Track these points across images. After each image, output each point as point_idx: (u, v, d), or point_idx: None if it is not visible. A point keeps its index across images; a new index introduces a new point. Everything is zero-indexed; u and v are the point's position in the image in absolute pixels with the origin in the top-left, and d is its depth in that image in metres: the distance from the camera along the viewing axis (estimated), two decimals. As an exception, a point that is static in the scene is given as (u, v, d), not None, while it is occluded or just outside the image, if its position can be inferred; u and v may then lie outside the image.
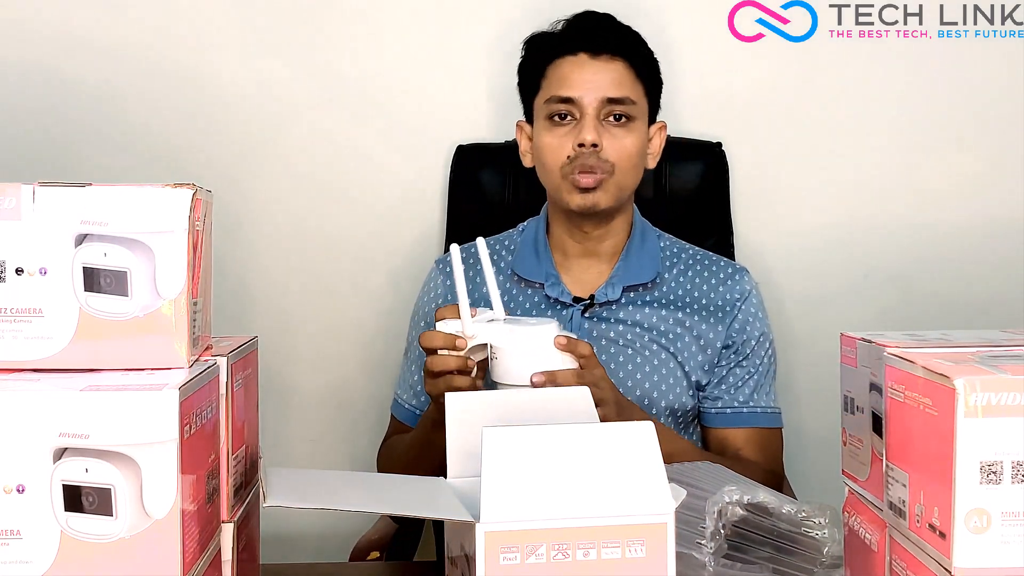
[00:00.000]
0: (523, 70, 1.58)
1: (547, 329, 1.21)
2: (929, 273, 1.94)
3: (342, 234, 1.92)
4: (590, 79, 1.49)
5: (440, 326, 1.24)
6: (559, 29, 1.55)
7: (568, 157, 1.48)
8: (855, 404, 0.97)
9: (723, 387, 1.54)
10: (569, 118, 1.49)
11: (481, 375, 1.25)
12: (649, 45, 1.57)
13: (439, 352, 1.23)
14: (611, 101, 1.48)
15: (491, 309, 1.25)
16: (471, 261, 1.38)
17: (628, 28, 1.56)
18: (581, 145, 1.46)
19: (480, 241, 1.26)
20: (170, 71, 1.90)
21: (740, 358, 1.54)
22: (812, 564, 1.05)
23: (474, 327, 1.22)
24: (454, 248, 1.22)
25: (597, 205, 1.49)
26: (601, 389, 1.25)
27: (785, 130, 1.94)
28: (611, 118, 1.49)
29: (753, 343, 1.55)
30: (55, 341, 0.83)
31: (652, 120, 1.56)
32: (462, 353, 1.22)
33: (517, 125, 1.60)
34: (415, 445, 1.47)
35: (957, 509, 0.74)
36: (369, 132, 1.92)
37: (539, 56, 1.55)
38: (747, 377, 1.54)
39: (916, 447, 0.81)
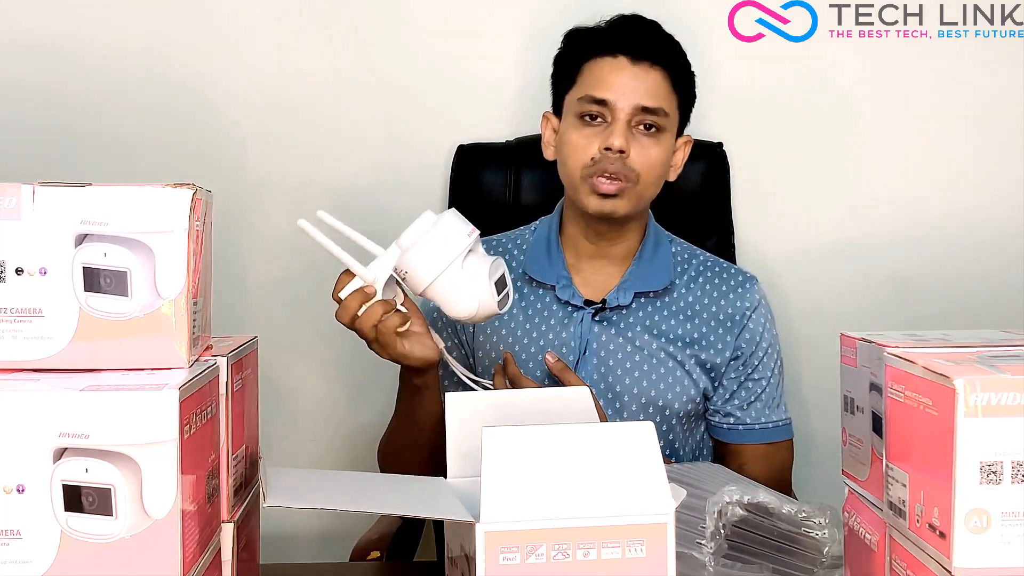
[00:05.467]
0: (559, 62, 1.55)
1: (422, 219, 1.22)
2: (929, 273, 1.94)
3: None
4: (627, 83, 1.46)
5: (343, 293, 1.25)
6: (603, 27, 1.52)
7: (592, 159, 1.45)
8: (855, 404, 0.97)
9: (735, 402, 1.54)
10: (600, 120, 1.47)
11: (417, 314, 1.29)
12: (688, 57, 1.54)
13: (359, 314, 1.25)
14: (645, 110, 1.46)
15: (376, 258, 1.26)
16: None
17: (671, 38, 1.53)
18: (608, 149, 1.44)
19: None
20: (170, 71, 1.90)
21: (749, 370, 1.54)
22: (812, 564, 1.05)
23: (371, 271, 1.24)
24: (302, 222, 1.22)
25: (615, 212, 1.47)
26: None
27: (785, 130, 1.94)
28: (642, 127, 1.46)
29: (761, 355, 1.55)
30: (55, 341, 0.83)
31: (680, 133, 1.54)
32: (377, 298, 1.24)
33: (543, 116, 1.57)
34: (397, 415, 1.48)
35: (957, 509, 0.74)
36: (369, 132, 1.92)
37: (578, 51, 1.52)
38: (759, 391, 1.54)
39: (916, 447, 0.81)
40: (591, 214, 1.49)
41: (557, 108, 1.55)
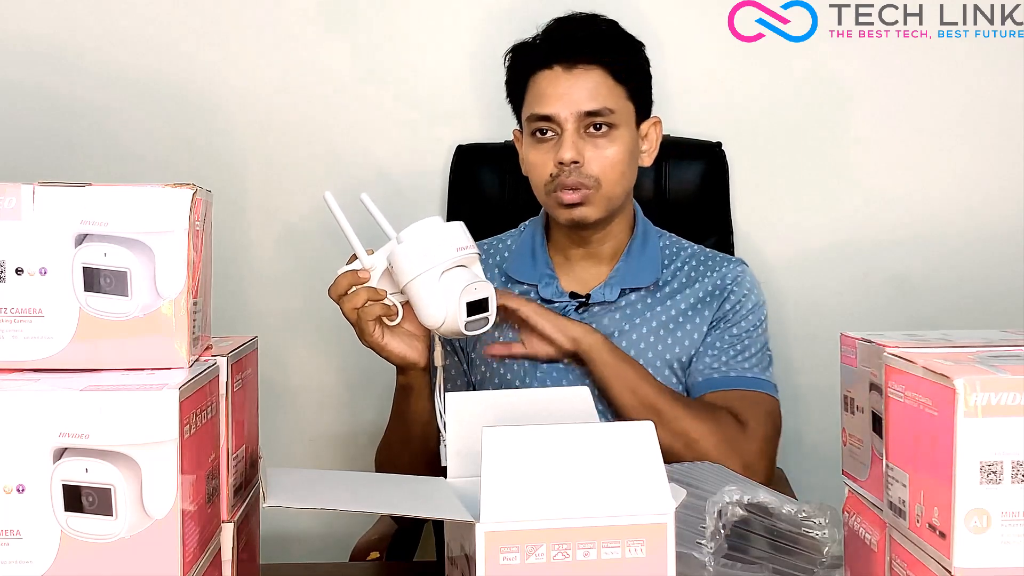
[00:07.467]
0: (508, 83, 1.57)
1: (427, 220, 1.23)
2: (929, 273, 1.94)
3: (342, 234, 1.92)
4: (565, 93, 1.46)
5: (340, 270, 1.28)
6: (536, 40, 1.52)
7: (551, 175, 1.47)
8: (855, 404, 0.97)
9: (711, 353, 1.50)
10: (551, 134, 1.47)
11: (408, 309, 1.26)
12: (635, 37, 1.53)
13: (347, 293, 1.26)
14: (589, 114, 1.45)
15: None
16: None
17: (607, 29, 1.52)
18: (562, 163, 1.45)
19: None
20: (170, 73, 1.90)
21: (731, 326, 1.51)
22: (812, 564, 1.05)
23: (370, 259, 1.26)
24: (328, 195, 1.25)
25: (586, 219, 1.48)
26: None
27: (785, 130, 1.94)
28: (592, 129, 1.46)
29: (746, 312, 1.52)
30: (55, 341, 0.83)
31: (645, 116, 1.53)
32: (368, 285, 1.25)
33: (513, 134, 1.59)
34: (391, 414, 1.48)
35: (957, 509, 0.74)
36: (369, 132, 1.92)
37: (519, 69, 1.53)
38: (735, 343, 1.51)
39: (916, 447, 0.81)
40: (565, 225, 1.50)
41: (520, 125, 1.56)
